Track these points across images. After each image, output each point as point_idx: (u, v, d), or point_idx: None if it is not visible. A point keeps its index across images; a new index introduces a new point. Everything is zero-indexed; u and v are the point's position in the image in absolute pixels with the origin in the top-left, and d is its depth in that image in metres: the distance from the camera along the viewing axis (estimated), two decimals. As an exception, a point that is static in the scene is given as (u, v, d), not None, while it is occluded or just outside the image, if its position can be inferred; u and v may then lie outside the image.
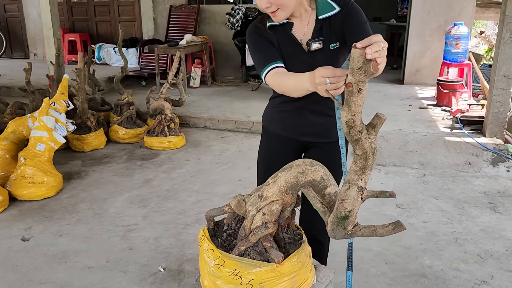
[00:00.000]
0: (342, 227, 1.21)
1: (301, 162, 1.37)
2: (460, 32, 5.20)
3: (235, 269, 1.30)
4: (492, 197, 3.22)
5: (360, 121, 1.12)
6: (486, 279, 2.27)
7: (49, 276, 2.30)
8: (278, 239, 1.43)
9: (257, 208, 1.35)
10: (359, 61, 1.02)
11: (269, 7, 1.44)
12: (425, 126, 4.48)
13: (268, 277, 1.29)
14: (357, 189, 1.18)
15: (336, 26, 1.53)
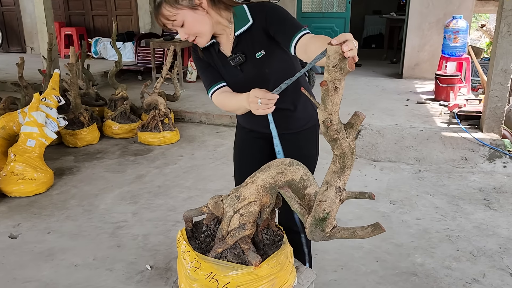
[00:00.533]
0: (321, 229, 1.17)
1: (280, 161, 1.32)
2: (458, 26, 5.13)
3: (212, 272, 1.26)
4: (487, 193, 3.17)
5: (337, 120, 1.08)
6: (477, 278, 2.23)
7: (35, 274, 2.27)
8: (257, 241, 1.39)
9: (234, 209, 1.32)
10: (335, 58, 0.98)
11: (188, 37, 1.49)
12: (422, 121, 4.43)
13: (245, 280, 1.25)
14: (336, 190, 1.14)
15: (257, 35, 1.53)
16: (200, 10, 1.46)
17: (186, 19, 1.44)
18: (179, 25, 1.46)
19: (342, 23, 6.76)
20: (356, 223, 2.76)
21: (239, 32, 1.53)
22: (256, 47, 1.55)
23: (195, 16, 1.45)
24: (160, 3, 1.43)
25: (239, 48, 1.56)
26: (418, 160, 3.77)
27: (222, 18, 1.52)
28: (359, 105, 5.12)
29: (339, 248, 2.50)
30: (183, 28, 1.47)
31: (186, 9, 1.43)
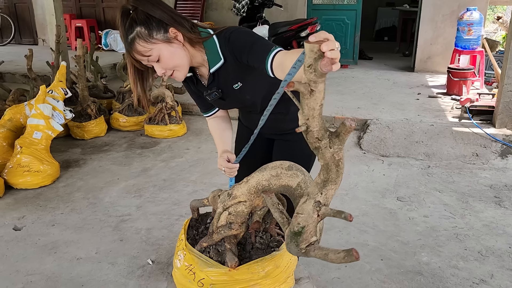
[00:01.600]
0: (295, 243, 1.11)
1: (278, 164, 1.28)
2: (473, 18, 5.00)
3: (191, 265, 1.28)
4: (498, 190, 3.10)
5: (318, 127, 1.00)
6: (485, 278, 2.18)
7: (37, 267, 2.28)
8: (247, 243, 1.35)
9: (224, 206, 1.29)
10: (310, 57, 0.91)
11: (165, 72, 1.42)
12: (433, 116, 4.34)
13: (220, 280, 1.24)
14: (314, 204, 1.07)
15: (231, 69, 1.48)
16: (175, 43, 1.39)
17: (162, 53, 1.37)
18: (155, 60, 1.38)
19: (354, 15, 6.65)
20: (362, 220, 2.71)
21: (213, 70, 1.48)
22: (232, 80, 1.50)
23: (171, 50, 1.38)
24: (133, 39, 1.34)
25: (214, 84, 1.53)
26: (427, 156, 3.69)
27: (197, 51, 1.45)
28: (369, 98, 5.04)
29: (344, 244, 2.46)
30: (159, 63, 1.39)
31: (161, 43, 1.36)
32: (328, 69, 0.90)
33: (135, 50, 1.36)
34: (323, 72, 0.91)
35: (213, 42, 1.44)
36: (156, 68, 1.41)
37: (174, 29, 1.37)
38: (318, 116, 1.00)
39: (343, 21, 6.73)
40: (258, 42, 1.38)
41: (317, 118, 1.00)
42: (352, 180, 3.28)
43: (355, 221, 2.69)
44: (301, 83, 0.98)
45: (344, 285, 2.12)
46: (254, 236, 1.39)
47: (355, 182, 3.25)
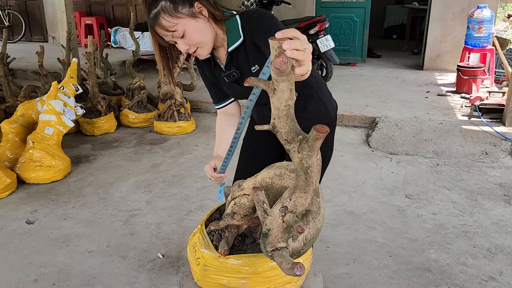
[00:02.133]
0: (263, 245, 1.10)
1: (284, 164, 1.28)
2: (483, 16, 4.97)
3: (196, 243, 1.34)
4: (508, 189, 3.09)
5: (287, 128, 0.97)
6: (494, 275, 2.18)
7: (50, 260, 2.32)
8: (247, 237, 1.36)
9: (233, 196, 1.31)
10: (273, 54, 0.88)
11: (189, 49, 1.38)
12: (442, 114, 4.33)
13: (212, 263, 1.27)
14: (281, 209, 1.05)
15: (250, 50, 1.45)
16: (201, 18, 1.36)
17: (187, 29, 1.34)
18: (180, 36, 1.35)
19: (362, 13, 6.64)
20: (370, 216, 2.72)
21: (231, 48, 1.46)
22: (251, 62, 1.48)
23: (197, 25, 1.35)
24: (158, 14, 1.30)
25: (233, 64, 1.49)
26: (436, 154, 3.69)
27: (219, 29, 1.43)
28: (378, 96, 5.04)
29: (352, 241, 2.47)
30: (184, 39, 1.36)
31: (187, 17, 1.33)
32: (282, 68, 0.85)
33: (159, 25, 1.32)
34: (277, 70, 0.87)
35: (235, 21, 1.42)
36: (180, 45, 1.37)
37: (199, 3, 1.34)
38: (285, 116, 0.97)
39: (351, 18, 6.72)
40: (275, 28, 1.33)
41: (283, 119, 0.97)
42: (360, 177, 3.28)
43: (364, 218, 2.70)
44: (262, 80, 0.96)
45: (352, 281, 2.14)
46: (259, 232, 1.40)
47: (363, 179, 3.25)
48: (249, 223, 1.33)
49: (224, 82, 1.56)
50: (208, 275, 1.30)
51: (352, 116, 4.41)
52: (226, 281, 1.28)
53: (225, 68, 1.51)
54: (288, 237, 1.16)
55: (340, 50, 6.59)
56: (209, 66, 1.56)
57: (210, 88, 1.66)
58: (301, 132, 1.02)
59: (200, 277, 1.33)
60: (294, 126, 1.00)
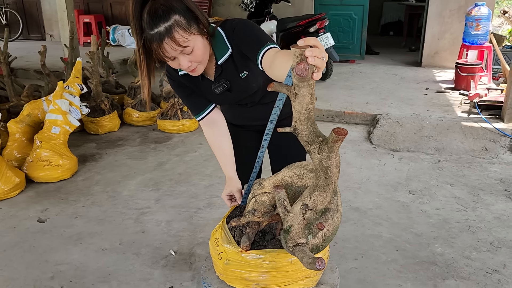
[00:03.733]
0: (285, 241, 1.15)
1: (303, 164, 1.34)
2: (481, 13, 5.04)
3: (218, 238, 1.39)
4: (508, 184, 3.16)
5: (307, 131, 1.03)
6: (498, 268, 2.25)
7: (65, 257, 2.36)
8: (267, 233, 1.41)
9: (254, 194, 1.37)
10: (294, 61, 0.92)
11: (190, 66, 1.38)
12: (441, 111, 4.40)
13: (234, 258, 1.33)
14: (302, 206, 1.11)
15: (237, 59, 1.50)
16: (204, 36, 1.38)
17: (196, 45, 1.34)
18: (189, 52, 1.34)
19: (361, 10, 6.69)
20: (376, 212, 2.78)
21: (222, 61, 1.49)
22: (239, 69, 1.52)
23: (203, 42, 1.37)
24: (171, 27, 1.27)
25: (222, 76, 1.53)
26: (437, 150, 3.76)
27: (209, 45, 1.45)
28: (378, 94, 5.10)
29: (359, 236, 2.53)
30: (190, 56, 1.35)
31: (197, 34, 1.34)
32: (304, 74, 0.90)
33: (172, 39, 1.28)
34: (299, 76, 0.92)
35: (219, 34, 1.46)
36: (183, 61, 1.36)
37: (202, 22, 1.36)
38: (306, 119, 1.02)
39: (350, 16, 6.77)
40: (256, 34, 1.42)
41: (304, 122, 1.03)
42: (364, 174, 3.35)
43: (369, 214, 2.77)
44: (284, 85, 1.02)
45: (362, 275, 2.20)
46: (279, 229, 1.45)
47: (367, 176, 3.32)
48: (269, 220, 1.39)
49: (213, 93, 1.58)
50: (230, 269, 1.35)
51: (354, 113, 4.48)
52: (247, 275, 1.34)
53: (215, 80, 1.54)
54: (308, 233, 1.21)
55: (339, 47, 6.64)
56: (195, 80, 1.55)
57: (190, 96, 1.62)
58: (320, 134, 1.07)
59: (222, 271, 1.38)
60: (314, 129, 1.06)
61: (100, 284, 2.15)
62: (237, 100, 1.65)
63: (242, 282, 1.35)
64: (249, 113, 1.74)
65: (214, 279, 1.43)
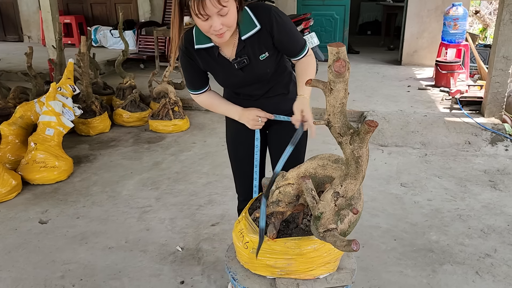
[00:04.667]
0: (315, 227, 1.24)
1: (326, 156, 1.42)
2: (458, 13, 5.25)
3: (242, 229, 1.46)
4: (492, 175, 3.34)
5: (340, 123, 1.11)
6: (489, 253, 2.39)
7: (72, 257, 2.38)
8: (292, 222, 1.50)
9: (277, 186, 1.44)
10: (330, 59, 1.03)
11: (221, 29, 1.43)
12: (425, 107, 4.57)
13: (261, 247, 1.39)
14: (333, 194, 1.19)
15: (263, 39, 1.59)
16: (237, 5, 1.46)
17: (231, 10, 1.41)
18: (224, 14, 1.40)
19: (342, 10, 6.85)
20: (372, 205, 2.90)
21: (245, 37, 1.56)
22: (261, 49, 1.60)
23: (235, 9, 1.44)
24: None
25: (244, 52, 1.59)
26: (424, 145, 3.92)
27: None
28: (362, 91, 5.24)
29: (358, 227, 2.63)
30: (224, 18, 1.41)
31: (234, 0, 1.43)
32: (341, 71, 1.03)
33: None
34: (336, 73, 1.03)
35: (246, 13, 1.55)
36: (215, 23, 1.40)
37: None
38: (339, 113, 1.12)
39: (332, 16, 6.92)
40: (294, 32, 1.62)
41: (338, 115, 1.12)
42: (356, 168, 3.46)
43: (366, 206, 2.88)
44: (320, 81, 1.12)
45: (364, 263, 2.30)
46: (301, 218, 1.53)
47: (360, 170, 3.43)
48: (293, 210, 1.47)
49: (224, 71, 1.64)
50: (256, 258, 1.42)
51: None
52: (274, 262, 1.41)
53: (236, 55, 1.60)
54: (337, 219, 1.30)
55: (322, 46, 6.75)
56: (210, 54, 1.60)
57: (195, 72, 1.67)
58: (351, 126, 1.17)
59: (248, 260, 1.45)
60: (346, 121, 1.15)
61: (111, 281, 2.19)
62: (246, 82, 1.69)
63: (268, 270, 1.43)
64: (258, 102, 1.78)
65: (239, 268, 1.49)
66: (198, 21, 1.42)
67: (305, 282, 1.42)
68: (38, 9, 7.92)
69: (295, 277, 1.43)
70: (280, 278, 1.43)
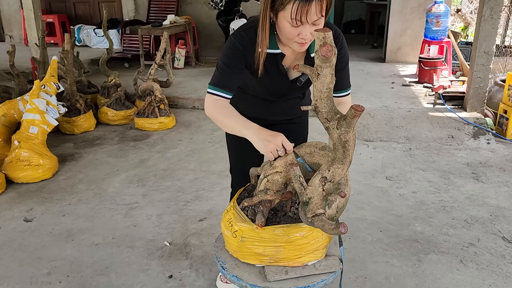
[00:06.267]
0: (304, 212, 1.26)
1: (313, 143, 1.44)
2: (440, 10, 5.34)
3: (231, 218, 1.47)
4: (474, 167, 3.40)
5: (327, 108, 1.13)
6: (473, 242, 2.44)
7: (58, 254, 2.35)
8: (280, 210, 1.51)
9: (265, 174, 1.45)
10: (317, 44, 1.06)
11: (310, 39, 1.40)
12: (409, 103, 4.63)
13: (249, 234, 1.41)
14: (321, 179, 1.21)
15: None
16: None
17: (321, 22, 1.37)
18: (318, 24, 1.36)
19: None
20: (358, 198, 2.93)
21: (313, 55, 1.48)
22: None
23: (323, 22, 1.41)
24: None
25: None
26: (408, 139, 3.98)
27: None
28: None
29: (345, 220, 2.66)
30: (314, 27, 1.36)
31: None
32: (328, 55, 1.05)
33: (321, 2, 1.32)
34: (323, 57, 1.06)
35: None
36: (306, 31, 1.36)
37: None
38: (326, 98, 1.14)
39: (316, 14, 6.95)
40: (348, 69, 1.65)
41: (325, 100, 1.14)
42: (342, 163, 3.50)
43: (352, 199, 2.90)
44: (307, 66, 1.15)
45: (351, 255, 2.33)
46: (289, 206, 1.55)
47: (346, 164, 3.46)
48: (282, 198, 1.48)
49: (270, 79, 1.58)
50: (245, 246, 1.43)
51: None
52: (262, 249, 1.42)
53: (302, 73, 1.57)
54: (325, 204, 1.32)
55: (307, 44, 6.82)
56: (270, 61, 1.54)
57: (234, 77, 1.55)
58: (338, 112, 1.19)
59: (237, 248, 1.46)
60: (333, 106, 1.18)
61: (99, 277, 2.17)
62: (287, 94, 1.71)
63: (256, 258, 1.44)
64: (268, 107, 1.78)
65: (228, 257, 1.50)
66: (287, 25, 1.37)
67: (294, 269, 1.43)
68: (19, 8, 7.81)
69: (283, 265, 1.44)
70: (269, 265, 1.44)
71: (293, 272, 1.42)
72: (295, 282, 1.40)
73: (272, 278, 1.40)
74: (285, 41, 1.46)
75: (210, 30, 7.24)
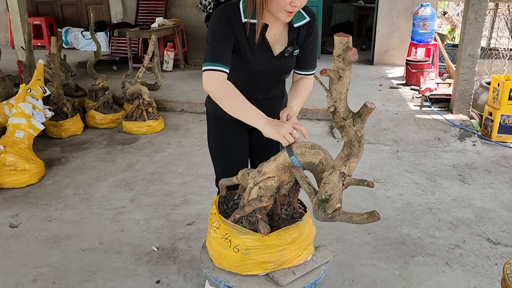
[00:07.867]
0: (323, 210, 1.28)
1: (301, 144, 1.45)
2: (427, 13, 5.40)
3: (227, 233, 1.43)
4: (460, 169, 3.44)
5: (344, 108, 1.19)
6: (459, 244, 2.47)
7: (44, 260, 2.33)
8: (274, 214, 1.52)
9: (255, 182, 1.44)
10: (339, 48, 1.10)
11: (300, 6, 1.45)
12: (396, 105, 4.68)
13: (254, 245, 1.39)
14: (339, 175, 1.25)
15: (301, 35, 1.63)
16: None
17: None
18: None
19: (315, 11, 6.92)
20: (345, 200, 2.94)
21: (298, 25, 1.59)
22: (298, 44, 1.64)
23: None
24: None
25: (294, 40, 1.61)
26: (395, 141, 4.01)
27: None
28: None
29: (332, 223, 2.67)
30: None
31: None
32: (354, 59, 1.10)
33: None
34: (350, 61, 1.11)
35: None
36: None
37: None
38: (344, 99, 1.20)
39: (305, 17, 6.99)
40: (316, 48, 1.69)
41: (343, 101, 1.20)
42: (330, 166, 3.51)
43: (339, 202, 2.92)
44: (332, 70, 1.18)
45: (339, 258, 2.34)
46: (280, 208, 1.55)
47: (334, 167, 3.48)
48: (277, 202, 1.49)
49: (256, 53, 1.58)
50: (249, 258, 1.40)
51: (315, 109, 4.66)
52: (268, 257, 1.41)
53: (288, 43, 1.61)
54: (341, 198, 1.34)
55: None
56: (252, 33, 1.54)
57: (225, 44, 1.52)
58: (350, 110, 1.23)
59: (239, 263, 1.41)
60: (347, 106, 1.22)
61: (85, 283, 2.16)
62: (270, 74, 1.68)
63: (261, 267, 1.42)
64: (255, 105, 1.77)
65: (227, 275, 1.43)
66: None
67: (298, 267, 1.45)
68: (5, 10, 7.71)
69: (287, 266, 1.45)
70: (274, 271, 1.44)
71: (299, 271, 1.45)
72: (304, 280, 1.43)
73: (285, 282, 1.40)
74: (274, 10, 1.48)
75: (199, 32, 7.23)
